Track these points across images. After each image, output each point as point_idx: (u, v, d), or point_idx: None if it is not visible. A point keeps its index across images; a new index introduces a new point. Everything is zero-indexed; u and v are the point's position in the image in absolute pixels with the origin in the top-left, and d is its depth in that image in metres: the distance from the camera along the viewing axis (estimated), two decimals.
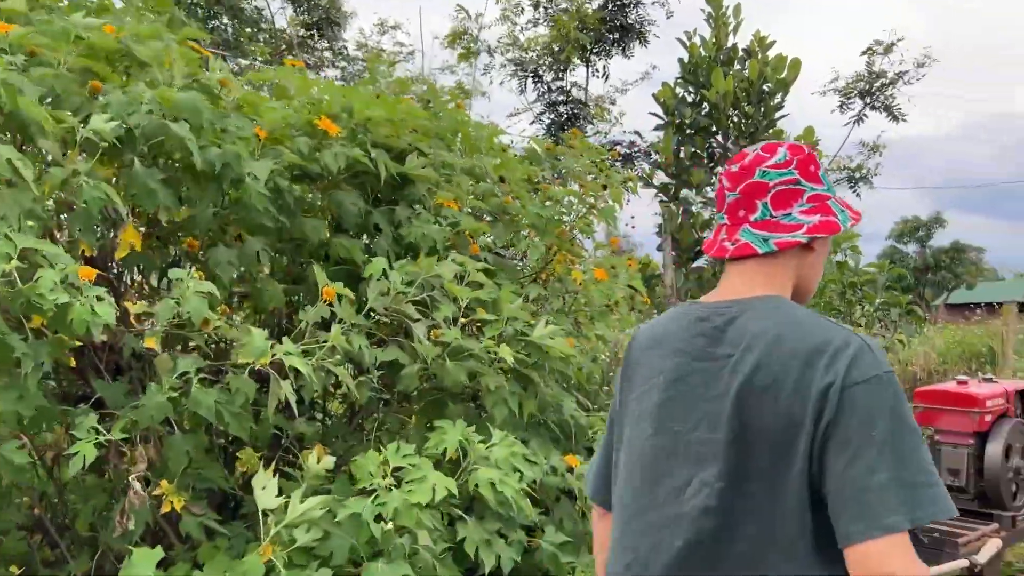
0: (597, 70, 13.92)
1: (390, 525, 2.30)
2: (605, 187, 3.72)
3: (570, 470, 3.43)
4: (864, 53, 11.21)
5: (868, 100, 9.26)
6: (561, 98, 13.60)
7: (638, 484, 1.45)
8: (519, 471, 2.64)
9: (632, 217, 7.63)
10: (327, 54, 16.68)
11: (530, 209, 3.46)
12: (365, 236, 3.15)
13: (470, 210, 3.32)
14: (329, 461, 2.47)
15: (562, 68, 13.55)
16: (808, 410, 1.24)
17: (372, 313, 2.67)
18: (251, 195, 2.49)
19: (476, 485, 2.55)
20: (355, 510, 2.27)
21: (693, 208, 7.00)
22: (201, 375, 2.26)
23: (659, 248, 6.50)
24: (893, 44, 10.36)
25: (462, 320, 2.83)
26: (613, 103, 15.78)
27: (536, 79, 13.89)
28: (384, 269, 2.72)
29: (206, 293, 2.26)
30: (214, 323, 2.32)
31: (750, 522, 1.28)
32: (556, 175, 4.05)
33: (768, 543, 1.27)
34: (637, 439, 1.47)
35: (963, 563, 3.73)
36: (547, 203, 3.67)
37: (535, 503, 2.82)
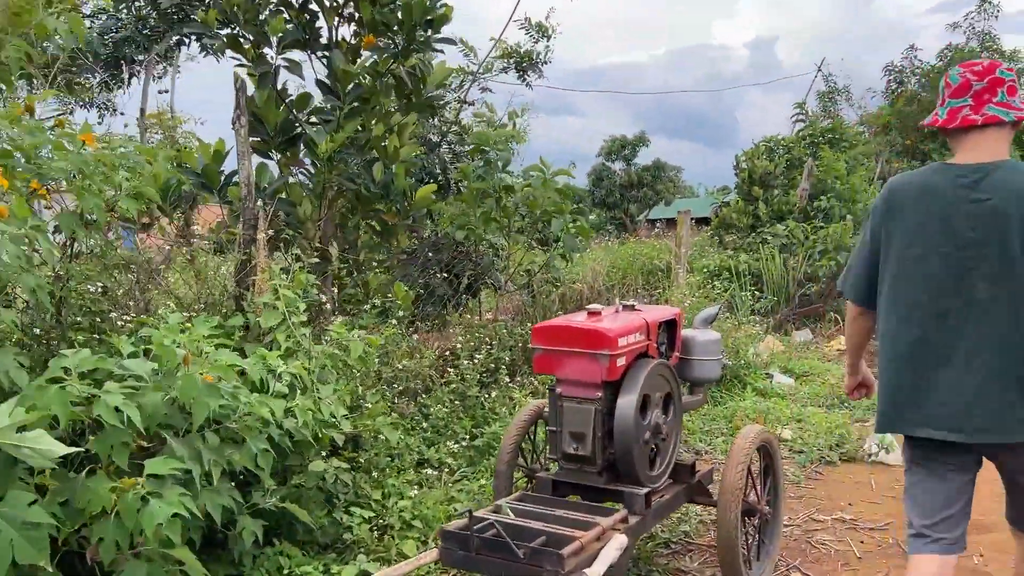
0: None
1: None
2: None
3: None
4: None
5: None
6: None
7: (919, 289, 2.33)
8: None
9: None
10: None
11: None
12: None
13: None
14: None
15: None
16: None
17: None
18: None
19: None
20: None
21: (279, 72, 5.09)
22: None
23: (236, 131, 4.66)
24: None
25: None
26: None
27: None
28: None
29: None
30: None
31: (1015, 309, 2.22)
32: None
33: None
34: (911, 259, 2.35)
35: None
36: None
37: None
